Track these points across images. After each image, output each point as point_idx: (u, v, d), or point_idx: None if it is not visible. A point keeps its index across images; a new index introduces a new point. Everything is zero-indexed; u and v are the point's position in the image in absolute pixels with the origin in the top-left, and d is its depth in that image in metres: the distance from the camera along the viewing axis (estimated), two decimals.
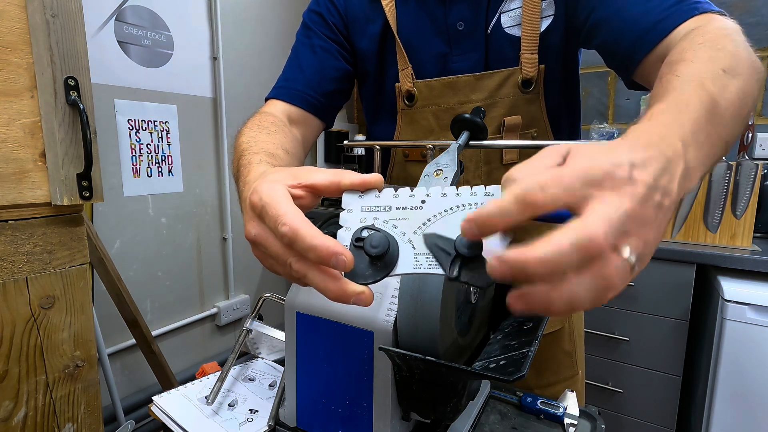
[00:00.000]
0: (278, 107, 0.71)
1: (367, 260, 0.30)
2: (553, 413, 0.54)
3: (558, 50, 0.66)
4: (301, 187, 0.34)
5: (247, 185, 0.41)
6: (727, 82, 0.37)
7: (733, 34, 0.44)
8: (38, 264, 0.80)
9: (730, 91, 0.37)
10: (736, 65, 0.39)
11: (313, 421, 0.50)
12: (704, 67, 0.38)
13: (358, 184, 0.33)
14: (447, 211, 0.30)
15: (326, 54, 0.74)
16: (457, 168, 0.47)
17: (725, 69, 0.38)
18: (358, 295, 0.30)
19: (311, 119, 0.74)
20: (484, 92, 0.68)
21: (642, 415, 1.45)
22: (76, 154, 0.81)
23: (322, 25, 0.75)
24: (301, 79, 0.73)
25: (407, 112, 0.74)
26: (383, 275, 0.30)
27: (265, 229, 0.33)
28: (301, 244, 0.29)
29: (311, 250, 0.29)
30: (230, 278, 1.88)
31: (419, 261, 0.30)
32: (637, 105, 1.81)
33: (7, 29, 0.74)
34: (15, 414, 0.80)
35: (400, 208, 0.31)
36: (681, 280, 1.33)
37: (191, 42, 1.64)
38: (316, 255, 0.29)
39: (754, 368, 1.16)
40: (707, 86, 0.35)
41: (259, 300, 0.69)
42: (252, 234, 0.34)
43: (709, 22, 0.47)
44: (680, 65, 0.40)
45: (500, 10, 0.66)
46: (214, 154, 1.77)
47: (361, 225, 0.32)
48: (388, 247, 0.30)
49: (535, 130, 0.69)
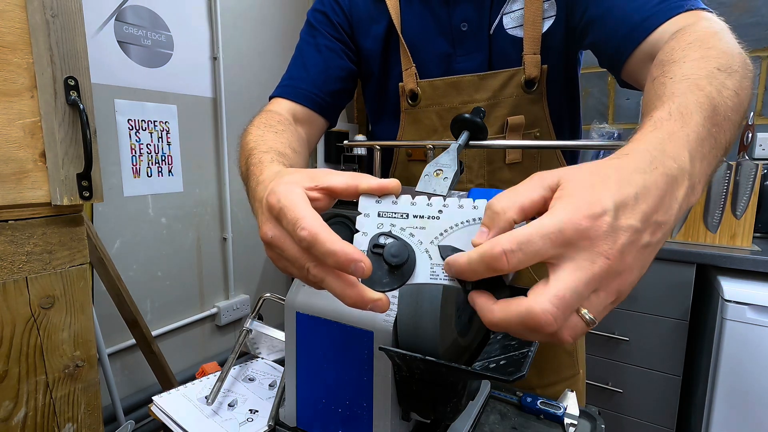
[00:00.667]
0: (283, 106, 0.71)
1: (386, 268, 0.30)
2: (553, 413, 0.54)
3: (560, 51, 0.66)
4: (318, 190, 0.34)
5: (261, 184, 0.41)
6: (724, 80, 0.36)
7: (721, 33, 0.43)
8: (38, 264, 0.80)
9: (728, 90, 0.36)
10: (730, 63, 0.38)
11: (313, 421, 0.50)
12: (698, 67, 0.37)
13: (375, 188, 0.33)
14: (463, 223, 0.31)
15: (331, 53, 0.74)
16: (457, 168, 0.47)
17: (719, 68, 0.37)
18: (376, 302, 0.30)
19: (316, 118, 0.74)
20: (487, 92, 0.68)
21: (642, 415, 1.45)
22: (76, 154, 0.81)
23: (326, 24, 0.75)
24: (306, 78, 0.73)
25: (410, 112, 0.74)
26: (400, 284, 0.30)
27: (282, 231, 0.33)
28: (320, 249, 0.29)
29: (330, 255, 0.29)
30: (230, 278, 1.88)
31: (435, 272, 0.30)
32: (637, 105, 1.81)
33: (7, 29, 0.74)
34: (15, 414, 0.80)
35: (418, 216, 0.31)
36: (681, 280, 1.33)
37: (191, 42, 1.64)
38: (335, 261, 0.29)
39: (754, 368, 1.16)
40: (704, 88, 0.35)
41: (259, 300, 0.69)
42: (269, 236, 0.33)
43: (697, 21, 0.47)
44: (672, 66, 0.39)
45: (502, 11, 0.66)
46: (214, 154, 1.77)
47: (379, 231, 0.32)
48: (408, 257, 0.30)
49: (538, 130, 0.69)
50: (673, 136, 0.31)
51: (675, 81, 0.37)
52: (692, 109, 0.33)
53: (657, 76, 0.40)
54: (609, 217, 0.25)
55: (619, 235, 0.25)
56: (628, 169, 0.28)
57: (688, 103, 0.33)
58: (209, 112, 1.74)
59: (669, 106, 0.33)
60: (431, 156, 0.67)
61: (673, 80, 0.37)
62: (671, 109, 0.33)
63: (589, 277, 0.25)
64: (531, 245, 0.25)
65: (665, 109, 0.33)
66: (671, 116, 0.32)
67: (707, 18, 0.47)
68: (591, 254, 0.25)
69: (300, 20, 2.15)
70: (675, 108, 0.33)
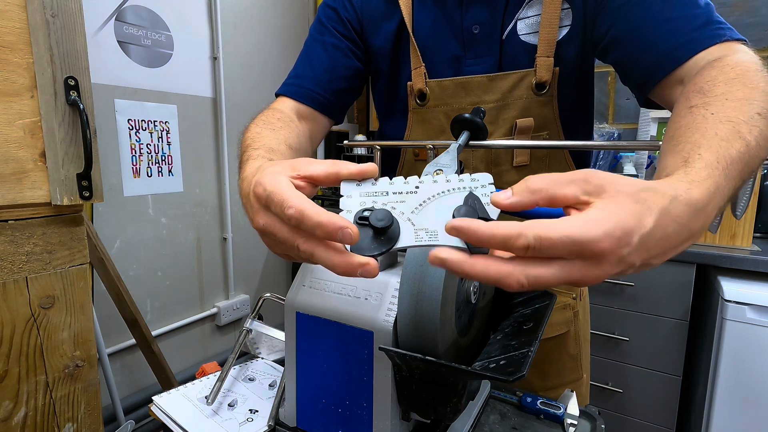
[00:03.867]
0: (287, 104, 0.72)
1: (371, 234, 0.31)
2: (553, 413, 0.54)
3: (573, 59, 0.65)
4: (299, 178, 0.35)
5: (245, 180, 0.42)
6: (763, 128, 0.37)
7: (762, 70, 0.43)
8: (38, 264, 0.80)
9: (765, 140, 0.37)
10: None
11: (313, 421, 0.50)
12: (740, 110, 0.38)
13: (355, 173, 0.35)
14: (440, 194, 0.33)
15: (338, 52, 0.74)
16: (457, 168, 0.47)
17: (760, 112, 0.38)
18: (364, 266, 0.30)
19: (319, 117, 0.74)
20: (496, 93, 0.68)
21: (642, 415, 1.45)
22: (76, 154, 0.81)
23: (335, 21, 0.75)
24: (310, 76, 0.73)
25: (418, 112, 0.74)
26: (387, 248, 0.31)
27: (271, 216, 0.34)
28: (308, 223, 0.30)
29: (318, 227, 0.30)
30: (230, 278, 1.88)
31: (419, 235, 0.32)
32: (637, 105, 1.80)
33: (7, 29, 0.74)
34: (15, 414, 0.80)
35: (397, 192, 0.34)
36: (681, 280, 1.33)
37: (191, 42, 1.64)
38: (323, 231, 0.30)
39: (754, 368, 1.16)
40: (745, 137, 0.36)
41: (259, 300, 0.69)
42: (261, 224, 0.35)
43: (734, 53, 0.47)
44: (715, 101, 0.39)
45: (517, 16, 0.65)
46: (214, 154, 1.77)
47: (362, 207, 0.33)
48: (393, 219, 0.31)
49: (547, 132, 0.68)
50: (717, 193, 0.32)
51: (717, 120, 0.37)
52: (735, 163, 0.34)
53: (697, 105, 0.40)
54: (626, 250, 0.27)
55: (622, 264, 0.28)
56: (672, 214, 0.29)
57: (732, 155, 0.34)
58: (209, 112, 1.74)
59: (717, 152, 0.34)
60: (431, 156, 0.67)
61: (715, 117, 0.38)
62: (719, 156, 0.34)
63: (571, 277, 0.28)
64: (550, 248, 0.27)
65: (713, 152, 0.34)
66: (719, 164, 0.33)
67: (744, 51, 0.47)
68: (590, 263, 0.28)
69: (300, 20, 2.16)
70: (722, 156, 0.34)
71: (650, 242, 0.28)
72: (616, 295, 1.43)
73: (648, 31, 0.54)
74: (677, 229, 0.29)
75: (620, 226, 0.27)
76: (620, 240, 0.27)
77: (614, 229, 0.27)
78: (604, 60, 0.63)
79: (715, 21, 0.51)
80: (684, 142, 0.37)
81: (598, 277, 0.28)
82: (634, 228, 0.27)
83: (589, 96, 0.71)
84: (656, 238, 0.28)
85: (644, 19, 0.54)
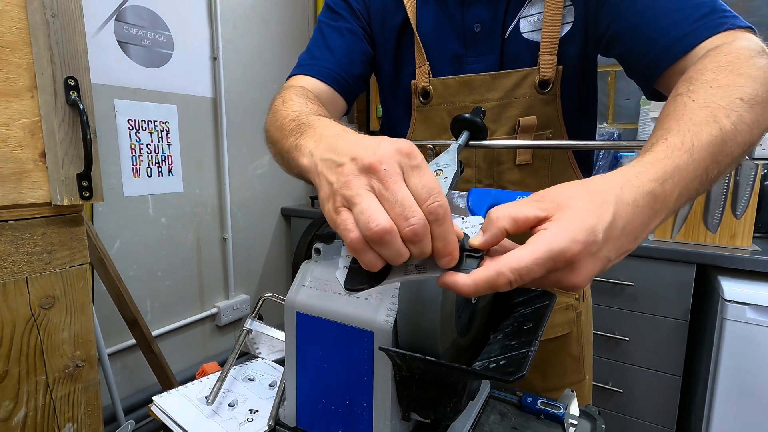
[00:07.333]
0: (307, 81, 0.68)
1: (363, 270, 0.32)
2: (553, 413, 0.54)
3: (575, 56, 0.65)
4: None
5: (322, 140, 0.38)
6: (743, 113, 0.37)
7: (757, 56, 0.42)
8: (38, 264, 0.80)
9: (744, 124, 0.37)
10: (756, 92, 0.39)
11: (313, 421, 0.50)
12: (721, 96, 0.38)
13: None
14: None
15: (354, 37, 0.73)
16: (456, 168, 0.47)
17: (743, 97, 0.38)
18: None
19: (338, 100, 0.72)
20: (499, 92, 0.67)
21: (642, 415, 1.45)
22: (76, 154, 0.81)
23: (346, 10, 0.74)
24: (330, 58, 0.71)
25: (422, 110, 0.74)
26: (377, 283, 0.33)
27: (403, 189, 0.30)
28: (442, 230, 0.30)
29: (445, 237, 0.30)
30: (230, 278, 1.88)
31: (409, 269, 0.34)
32: (637, 105, 1.81)
33: (7, 29, 0.74)
34: (15, 414, 0.80)
35: None
36: (681, 280, 1.33)
37: (191, 42, 1.64)
38: (444, 242, 0.30)
39: (754, 368, 1.15)
40: (721, 121, 0.36)
41: (259, 300, 0.69)
42: (391, 184, 0.30)
43: (734, 40, 0.46)
44: (698, 88, 0.40)
45: (519, 14, 0.65)
46: (214, 154, 1.77)
47: None
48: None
49: (551, 131, 0.68)
50: (675, 172, 0.33)
51: (696, 106, 0.38)
52: (705, 146, 0.35)
53: (682, 93, 0.41)
54: (596, 248, 0.29)
55: (597, 261, 0.30)
56: (627, 200, 0.31)
57: (702, 138, 0.35)
58: (209, 112, 1.74)
59: (683, 135, 0.36)
60: (431, 156, 0.67)
61: (695, 104, 0.38)
62: (684, 139, 0.35)
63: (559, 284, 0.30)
64: (529, 274, 0.29)
65: (680, 136, 0.35)
66: (683, 145, 0.35)
67: (746, 38, 0.46)
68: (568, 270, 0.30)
69: (300, 20, 2.16)
70: (689, 139, 0.35)
71: (615, 232, 0.30)
72: (616, 295, 1.43)
73: (651, 23, 0.54)
74: (637, 211, 0.31)
75: (581, 228, 0.29)
76: (586, 241, 0.29)
77: (576, 233, 0.29)
78: (609, 55, 0.63)
79: (720, 9, 0.50)
80: (658, 129, 0.38)
81: (581, 280, 0.30)
82: (596, 225, 0.29)
83: (591, 94, 0.71)
84: (620, 227, 0.30)
85: (647, 11, 0.54)
